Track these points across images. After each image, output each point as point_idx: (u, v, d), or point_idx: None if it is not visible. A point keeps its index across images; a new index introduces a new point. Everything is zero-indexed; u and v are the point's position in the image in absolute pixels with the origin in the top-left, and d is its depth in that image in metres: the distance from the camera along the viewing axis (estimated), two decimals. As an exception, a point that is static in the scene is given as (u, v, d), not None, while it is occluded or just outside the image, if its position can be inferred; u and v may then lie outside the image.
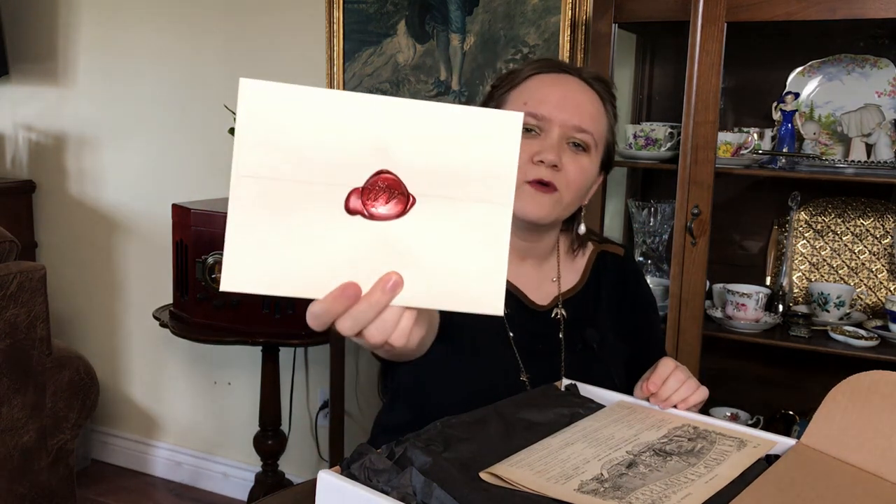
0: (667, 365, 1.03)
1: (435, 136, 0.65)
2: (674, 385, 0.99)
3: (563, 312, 1.21)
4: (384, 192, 0.64)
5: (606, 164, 1.22)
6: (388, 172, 0.64)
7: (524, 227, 1.16)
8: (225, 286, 0.63)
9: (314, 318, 0.66)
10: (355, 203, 0.64)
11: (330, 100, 0.63)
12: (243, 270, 0.63)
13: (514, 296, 1.19)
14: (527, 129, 1.12)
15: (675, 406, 0.98)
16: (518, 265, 1.21)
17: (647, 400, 1.00)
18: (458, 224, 0.66)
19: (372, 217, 0.64)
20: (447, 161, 0.65)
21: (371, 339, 0.67)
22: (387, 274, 0.65)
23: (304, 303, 0.65)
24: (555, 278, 1.24)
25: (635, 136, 1.88)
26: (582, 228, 1.24)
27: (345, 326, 0.66)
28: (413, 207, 0.65)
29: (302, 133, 0.63)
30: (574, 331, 1.21)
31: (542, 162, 1.10)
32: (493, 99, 1.20)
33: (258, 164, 0.63)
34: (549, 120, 1.11)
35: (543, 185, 1.11)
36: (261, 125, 0.63)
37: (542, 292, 1.22)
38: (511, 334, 1.17)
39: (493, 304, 0.67)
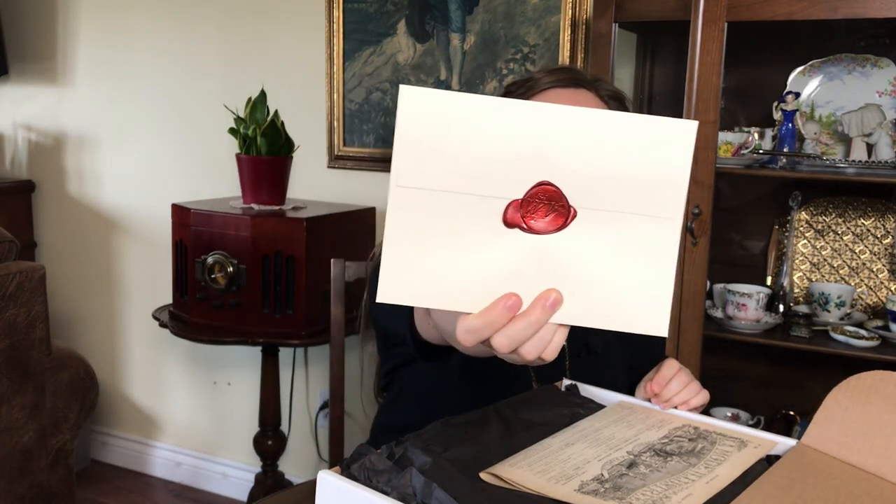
0: (671, 366, 1.03)
1: (600, 146, 0.61)
2: (676, 387, 0.99)
3: None
4: (544, 205, 0.61)
5: None
6: (549, 184, 0.61)
7: None
8: (381, 297, 0.62)
9: (470, 333, 0.63)
10: (514, 215, 0.61)
11: (490, 107, 0.60)
12: (400, 282, 0.62)
13: None
14: None
15: (675, 407, 0.98)
16: None
17: (649, 400, 1.00)
18: (622, 238, 0.62)
19: (531, 230, 0.62)
20: (611, 172, 0.61)
21: (527, 357, 0.64)
22: (546, 291, 0.62)
23: (303, 302, 0.64)
24: None
25: (635, 136, 1.88)
26: None
27: (501, 344, 0.63)
28: (574, 220, 0.62)
29: (462, 142, 0.60)
30: (577, 337, 1.21)
31: None
32: None
33: (417, 175, 0.60)
34: None
35: None
36: (421, 134, 0.60)
37: None
38: None
39: (658, 325, 0.64)
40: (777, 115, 1.81)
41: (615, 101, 1.18)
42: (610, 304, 0.64)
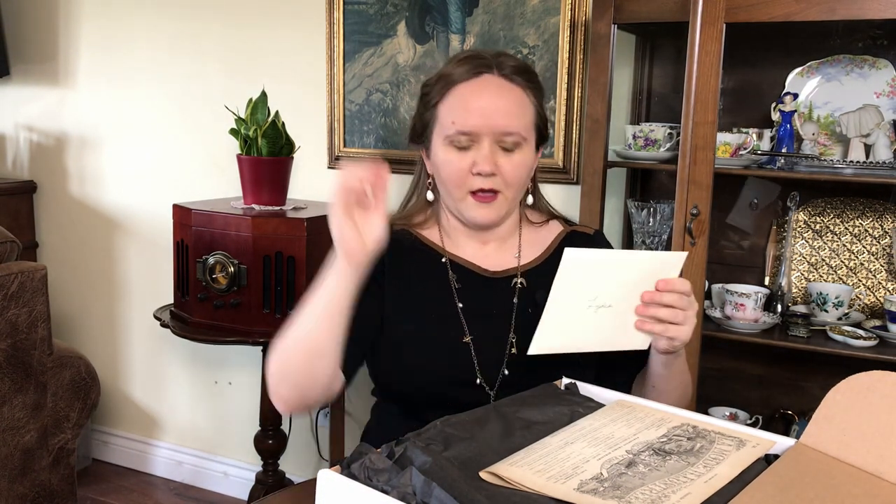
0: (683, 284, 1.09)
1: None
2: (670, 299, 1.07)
3: (523, 281, 1.26)
4: None
5: (542, 140, 1.27)
6: None
7: (480, 228, 1.25)
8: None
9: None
10: None
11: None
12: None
13: (464, 269, 1.26)
14: (460, 147, 1.18)
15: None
16: (480, 248, 1.28)
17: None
18: None
19: None
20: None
21: None
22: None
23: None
24: (516, 254, 1.30)
25: (634, 137, 1.88)
26: (529, 200, 1.31)
27: None
28: None
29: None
30: (529, 296, 1.25)
31: (479, 173, 1.18)
32: (428, 108, 1.24)
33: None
34: (478, 133, 1.17)
35: (486, 192, 1.19)
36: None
37: (499, 264, 1.28)
38: (460, 305, 1.23)
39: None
40: (775, 116, 1.82)
41: (519, 76, 1.21)
42: None
